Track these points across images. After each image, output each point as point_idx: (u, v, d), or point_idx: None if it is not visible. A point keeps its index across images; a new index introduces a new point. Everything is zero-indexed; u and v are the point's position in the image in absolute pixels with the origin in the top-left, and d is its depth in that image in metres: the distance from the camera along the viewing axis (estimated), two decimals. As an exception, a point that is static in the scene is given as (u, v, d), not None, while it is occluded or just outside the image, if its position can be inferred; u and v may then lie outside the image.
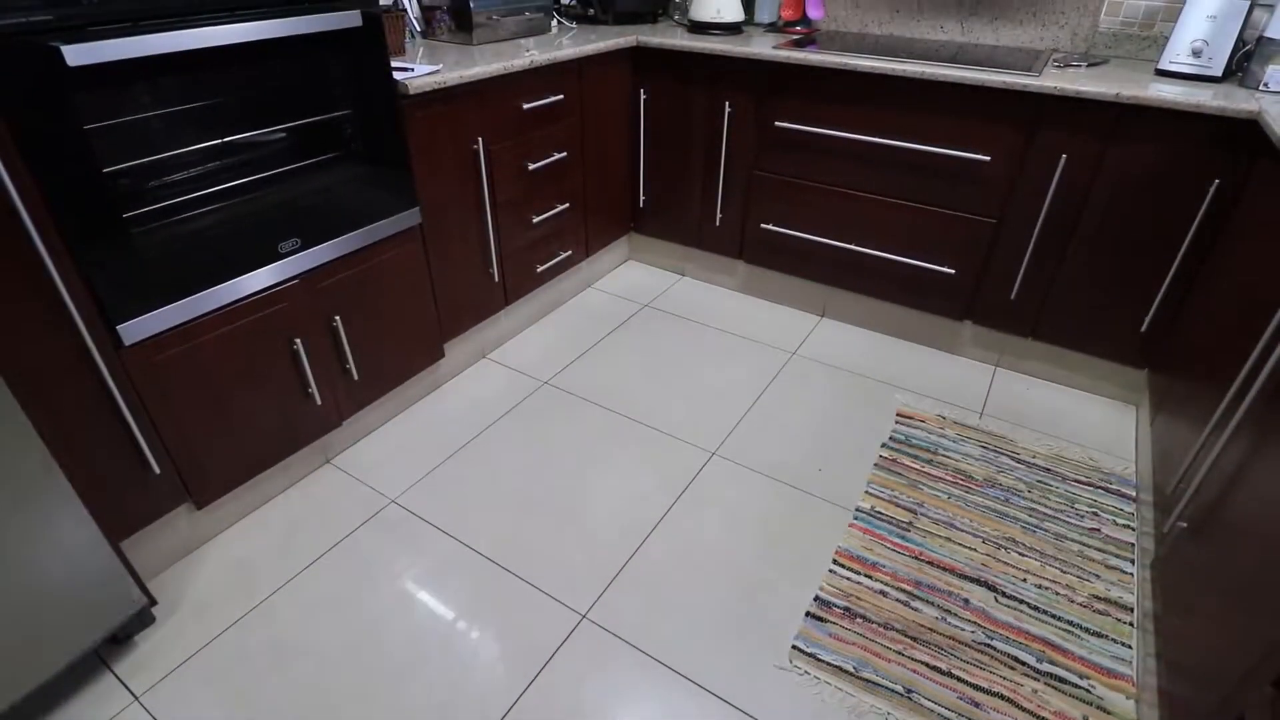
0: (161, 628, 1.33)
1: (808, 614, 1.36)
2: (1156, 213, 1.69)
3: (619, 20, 2.41)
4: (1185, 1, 1.75)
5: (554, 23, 2.31)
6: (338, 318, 1.57)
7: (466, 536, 1.52)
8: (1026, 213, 1.85)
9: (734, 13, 2.24)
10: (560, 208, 2.19)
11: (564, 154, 2.12)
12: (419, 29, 2.08)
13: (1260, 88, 1.66)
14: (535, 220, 2.10)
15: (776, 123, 2.10)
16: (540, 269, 2.19)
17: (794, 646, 1.30)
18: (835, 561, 1.46)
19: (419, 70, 1.63)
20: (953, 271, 2.02)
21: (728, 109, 2.17)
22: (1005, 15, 2.14)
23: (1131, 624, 1.35)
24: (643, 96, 2.31)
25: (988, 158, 1.83)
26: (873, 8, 2.34)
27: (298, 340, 1.49)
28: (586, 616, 1.36)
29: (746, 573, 1.45)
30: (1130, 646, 1.31)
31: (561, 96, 2.03)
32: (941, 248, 2.02)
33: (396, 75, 1.56)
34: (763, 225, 2.29)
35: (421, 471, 1.70)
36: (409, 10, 2.04)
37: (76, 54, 1.02)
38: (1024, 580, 1.43)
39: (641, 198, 2.52)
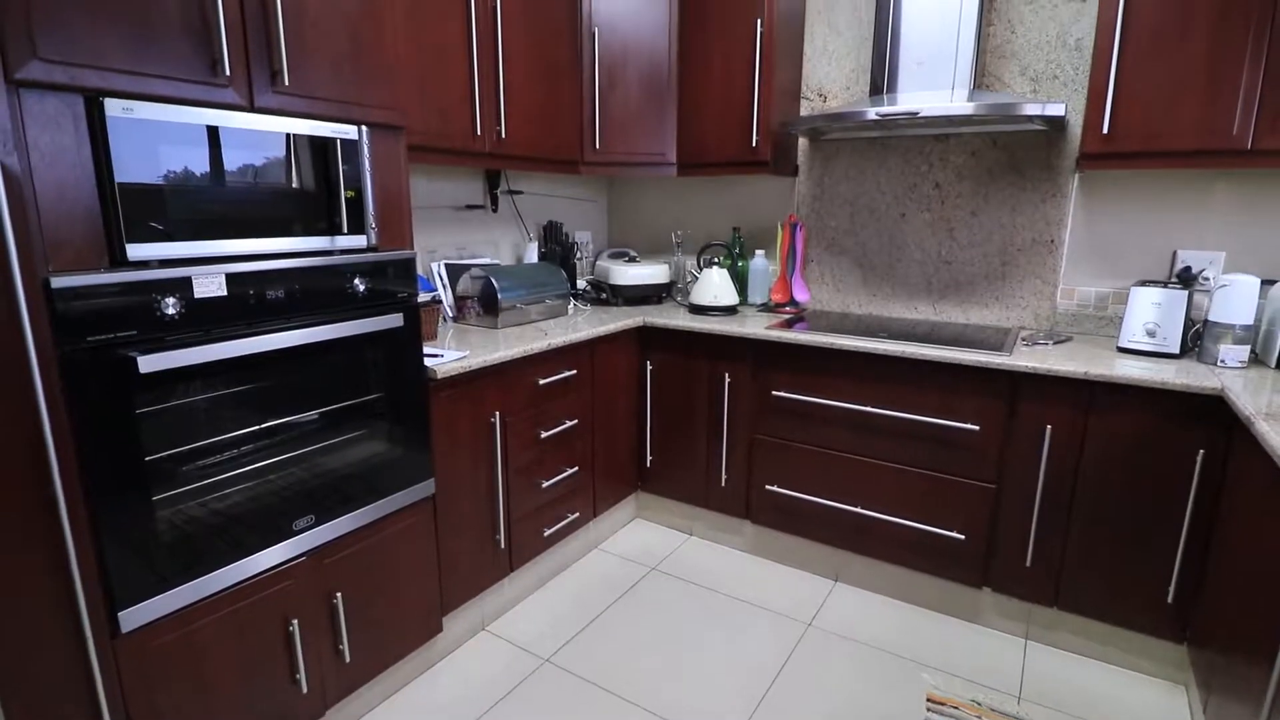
0: None
1: None
2: (1152, 481, 1.72)
3: (628, 302, 2.72)
4: (1130, 290, 1.96)
5: (570, 305, 2.61)
6: (339, 595, 1.54)
7: None
8: (1024, 478, 1.89)
9: (729, 297, 2.53)
10: (569, 471, 2.26)
11: (575, 421, 2.25)
12: (451, 315, 2.34)
13: (1218, 364, 1.79)
14: (545, 485, 2.16)
15: (774, 392, 2.25)
16: (547, 533, 2.19)
17: None
18: None
19: (448, 356, 1.80)
20: (962, 537, 2.00)
21: (727, 379, 2.34)
22: (971, 299, 2.41)
23: None
24: (649, 367, 2.52)
25: (976, 427, 1.93)
26: (852, 291, 2.64)
27: (294, 621, 1.45)
28: None
29: None
30: None
31: (575, 371, 2.21)
32: (946, 512, 2.03)
33: (427, 361, 1.72)
34: (768, 487, 2.33)
35: (405, 771, 1.53)
36: (444, 301, 2.33)
37: (149, 363, 1.16)
38: None
39: (648, 458, 2.60)
